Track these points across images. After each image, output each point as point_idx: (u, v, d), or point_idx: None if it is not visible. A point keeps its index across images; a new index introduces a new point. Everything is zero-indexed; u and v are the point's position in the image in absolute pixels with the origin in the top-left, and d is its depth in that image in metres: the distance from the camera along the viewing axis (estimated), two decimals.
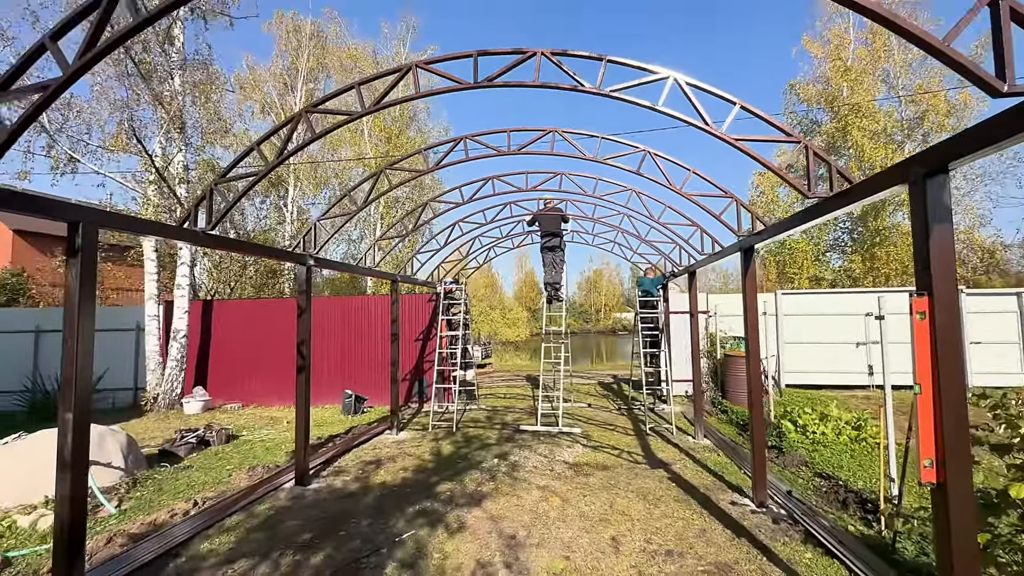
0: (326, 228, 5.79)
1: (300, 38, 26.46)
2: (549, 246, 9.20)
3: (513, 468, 6.25)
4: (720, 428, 8.42)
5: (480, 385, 13.99)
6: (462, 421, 9.19)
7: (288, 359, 11.16)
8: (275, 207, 26.53)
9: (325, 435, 8.19)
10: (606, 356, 33.33)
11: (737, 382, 9.79)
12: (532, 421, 8.67)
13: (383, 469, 6.24)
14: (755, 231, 4.96)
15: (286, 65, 26.44)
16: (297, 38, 26.52)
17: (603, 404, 10.73)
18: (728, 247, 5.71)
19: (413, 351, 11.02)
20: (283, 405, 11.17)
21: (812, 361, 12.21)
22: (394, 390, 8.16)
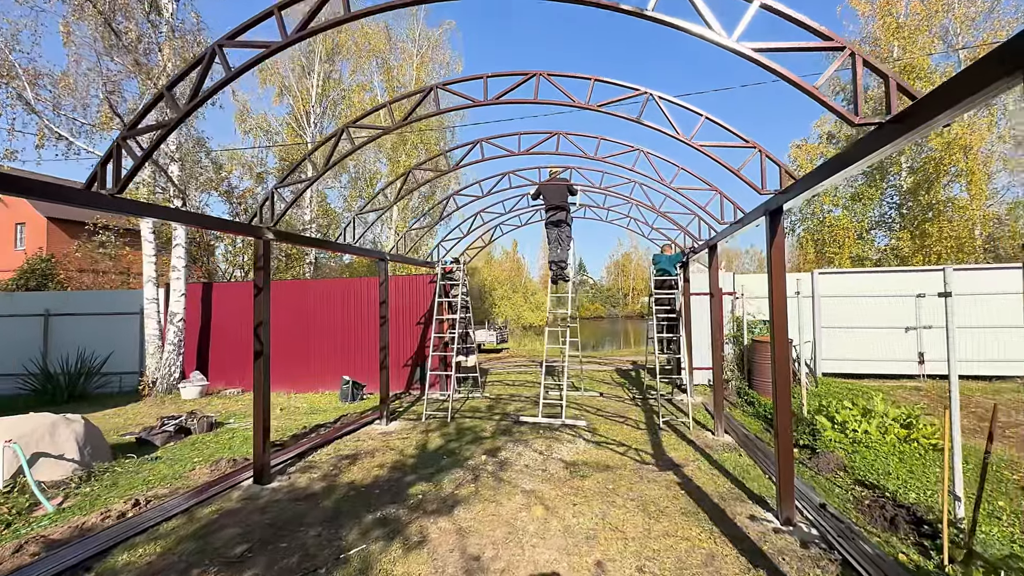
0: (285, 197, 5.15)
1: None
2: (554, 220, 8.34)
3: (501, 467, 5.55)
4: (745, 422, 7.50)
5: (490, 371, 13.37)
6: (461, 410, 8.55)
7: (292, 343, 10.80)
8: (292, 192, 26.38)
9: (311, 424, 7.69)
10: (632, 341, 32.28)
11: (765, 371, 8.79)
12: (535, 412, 7.95)
13: (357, 465, 5.65)
14: (782, 188, 4.02)
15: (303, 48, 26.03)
16: None
17: (616, 393, 9.90)
18: (750, 212, 4.75)
19: (414, 335, 10.43)
20: (285, 391, 10.81)
21: (853, 348, 11.00)
22: (383, 377, 7.56)
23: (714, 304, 6.86)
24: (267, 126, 25.89)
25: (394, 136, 25.52)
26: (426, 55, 25.73)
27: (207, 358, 11.12)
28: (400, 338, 10.47)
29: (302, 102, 25.50)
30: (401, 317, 10.47)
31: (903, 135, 2.47)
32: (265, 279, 5.03)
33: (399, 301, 10.48)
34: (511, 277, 54.56)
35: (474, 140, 6.34)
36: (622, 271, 77.94)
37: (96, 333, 11.62)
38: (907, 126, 2.45)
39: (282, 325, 10.91)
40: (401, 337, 10.47)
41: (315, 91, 25.71)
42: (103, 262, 20.33)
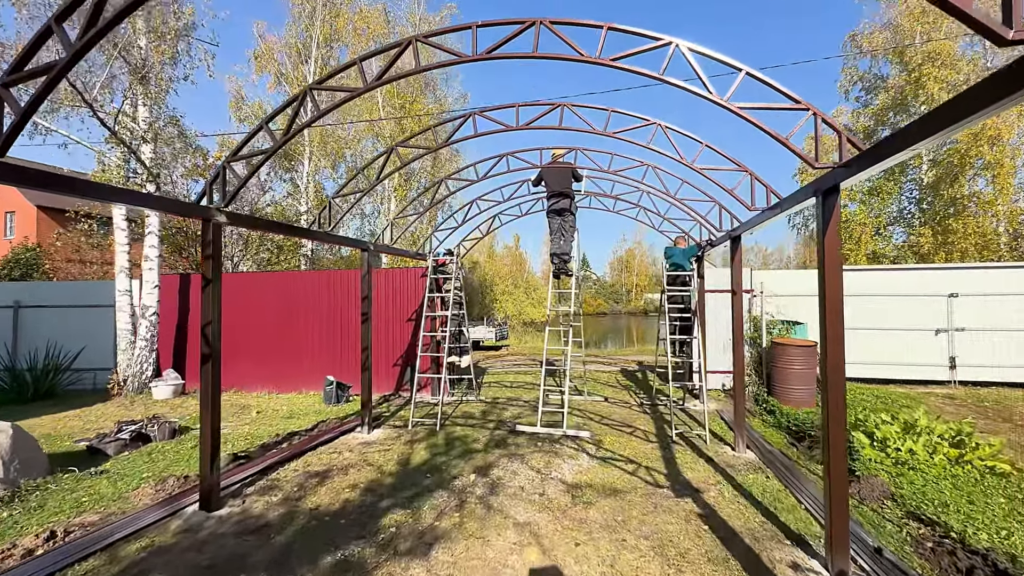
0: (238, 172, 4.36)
1: (314, 4, 25.15)
2: (556, 209, 7.55)
3: (492, 489, 4.80)
4: (766, 435, 6.73)
5: (488, 371, 12.63)
6: (452, 416, 7.81)
7: (277, 340, 10.09)
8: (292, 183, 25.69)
9: (285, 431, 6.96)
10: (635, 339, 31.50)
11: (788, 376, 8.01)
12: (534, 419, 7.19)
13: (326, 486, 4.90)
14: (842, 162, 3.22)
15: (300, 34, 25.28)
16: (311, 4, 25.23)
17: (622, 398, 9.14)
18: (797, 192, 3.94)
19: (405, 332, 9.67)
20: (268, 391, 10.10)
21: (876, 351, 10.21)
22: (365, 380, 6.82)
23: (736, 302, 6.07)
24: (263, 114, 25.13)
25: (392, 125, 24.75)
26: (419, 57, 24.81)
27: (184, 355, 10.40)
28: (390, 335, 9.73)
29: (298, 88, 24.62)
30: (391, 313, 9.72)
31: None
32: (215, 269, 4.27)
33: (389, 295, 9.72)
34: (513, 272, 53.74)
35: (466, 112, 5.55)
36: (626, 267, 76.99)
37: (70, 326, 10.92)
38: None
39: (263, 320, 10.18)
40: (391, 334, 9.72)
41: (312, 78, 24.91)
42: (89, 252, 19.70)
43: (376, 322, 9.73)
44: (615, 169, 6.63)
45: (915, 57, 18.10)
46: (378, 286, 9.77)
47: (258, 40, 25.53)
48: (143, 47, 8.87)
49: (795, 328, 9.54)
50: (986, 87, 1.96)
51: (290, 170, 23.63)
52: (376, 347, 9.71)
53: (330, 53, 26.29)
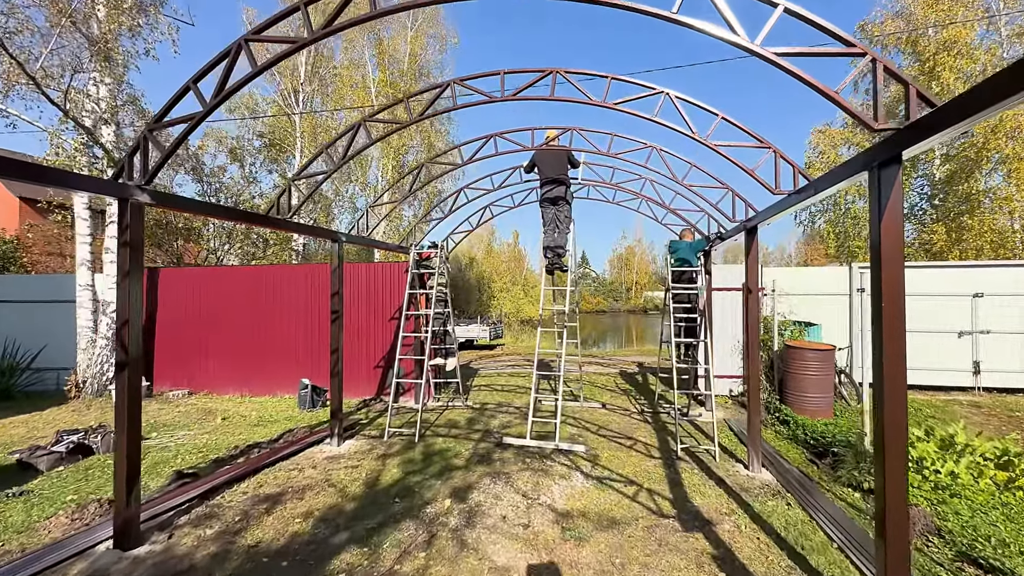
0: (159, 143, 3.63)
1: None
2: (551, 197, 6.84)
3: (469, 519, 4.10)
4: (781, 449, 6.04)
5: (479, 372, 11.93)
6: (435, 425, 7.11)
7: (251, 338, 9.38)
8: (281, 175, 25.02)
9: (247, 442, 6.25)
10: (635, 338, 30.82)
11: (803, 382, 7.31)
12: (524, 429, 6.50)
13: (276, 514, 4.20)
14: (909, 119, 2.51)
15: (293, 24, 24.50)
16: None
17: (621, 404, 8.44)
18: (845, 164, 3.18)
19: (388, 332, 8.96)
20: (240, 394, 9.40)
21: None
22: (335, 386, 6.11)
23: (751, 302, 5.36)
24: (253, 104, 24.39)
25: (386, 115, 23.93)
26: (421, 28, 24.04)
27: (151, 355, 9.69)
28: (372, 335, 9.02)
29: (290, 79, 23.94)
30: (373, 311, 9.01)
31: None
32: (134, 259, 3.55)
33: (372, 291, 9.01)
34: (511, 269, 52.99)
35: (444, 82, 4.85)
36: (625, 264, 76.31)
37: (36, 323, 10.20)
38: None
39: (236, 317, 9.47)
40: (373, 334, 9.01)
41: (304, 68, 24.16)
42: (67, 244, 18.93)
43: (357, 320, 9.03)
44: (616, 151, 5.92)
45: (929, 47, 17.37)
46: (359, 281, 9.06)
47: (247, 26, 24.73)
48: (102, 19, 8.12)
49: (808, 330, 8.84)
50: None
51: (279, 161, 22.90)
52: (356, 348, 9.02)
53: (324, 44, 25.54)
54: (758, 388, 5.36)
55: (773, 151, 4.30)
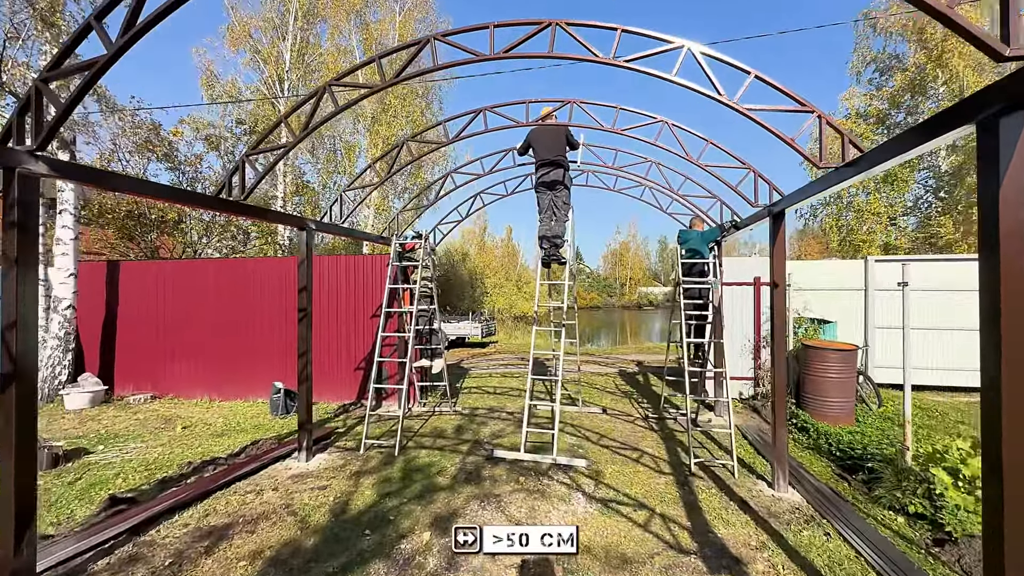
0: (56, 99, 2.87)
1: None
2: (547, 181, 6.13)
3: (451, 562, 3.41)
4: (803, 461, 5.41)
5: (470, 372, 11.24)
6: (419, 434, 6.42)
7: (223, 337, 8.63)
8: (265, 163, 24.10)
9: (204, 457, 5.52)
10: (630, 334, 30.25)
11: (822, 386, 6.68)
12: (517, 438, 5.82)
13: (217, 554, 3.48)
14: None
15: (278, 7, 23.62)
16: None
17: (623, 409, 7.78)
18: (935, 118, 2.48)
19: (371, 330, 8.24)
20: (209, 397, 8.65)
21: (914, 353, 8.92)
22: (304, 393, 5.39)
23: (777, 298, 4.70)
24: (236, 92, 23.45)
25: (374, 103, 23.14)
26: (410, 12, 23.18)
27: (112, 356, 8.90)
28: (353, 334, 8.29)
29: (275, 66, 23.04)
30: (355, 307, 8.27)
31: None
32: (24, 245, 2.81)
33: (354, 287, 8.27)
34: (505, 264, 52.22)
35: (421, 38, 4.10)
36: (619, 260, 75.86)
37: None
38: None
39: (207, 314, 8.70)
40: (355, 332, 8.28)
41: (289, 54, 23.26)
42: None
43: (337, 318, 8.30)
44: (622, 127, 5.23)
45: (935, 34, 16.78)
46: (339, 275, 8.33)
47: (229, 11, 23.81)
48: None
49: (824, 327, 8.23)
50: None
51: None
52: (336, 347, 8.30)
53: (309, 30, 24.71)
54: (784, 396, 4.70)
55: (818, 116, 3.62)
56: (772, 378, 4.73)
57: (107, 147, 13.90)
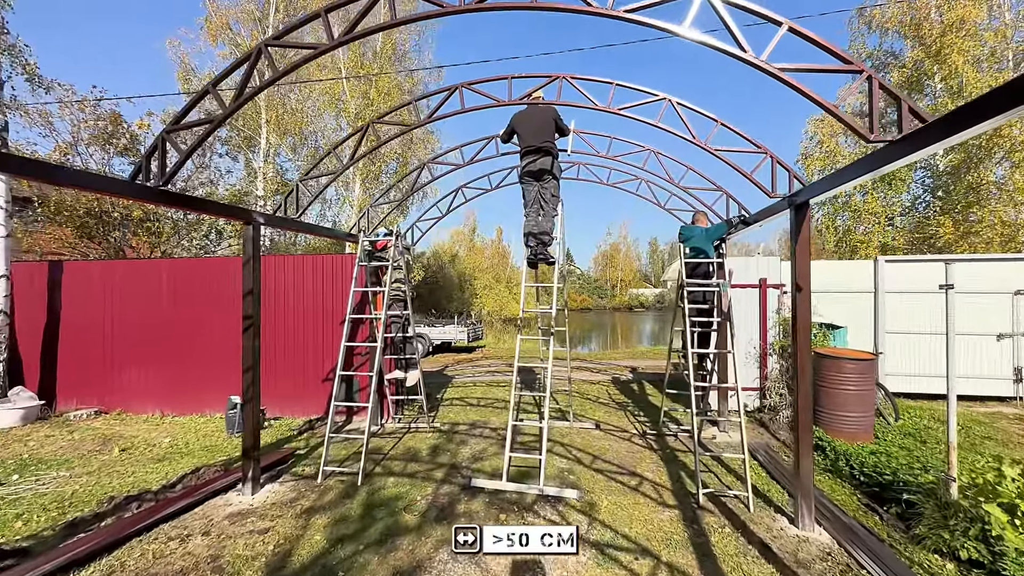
0: None
1: None
2: (533, 170, 5.42)
3: None
4: (821, 485, 4.76)
5: (454, 381, 10.49)
6: (389, 457, 5.67)
7: (180, 344, 7.82)
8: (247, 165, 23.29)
9: (133, 489, 4.72)
10: (622, 337, 29.68)
11: (838, 398, 6.04)
12: (500, 464, 5.09)
13: None
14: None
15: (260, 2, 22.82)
16: None
17: (618, 423, 7.09)
18: None
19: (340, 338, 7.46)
20: (162, 411, 7.82)
21: (922, 359, 8.38)
22: (249, 415, 4.62)
23: (801, 303, 4.03)
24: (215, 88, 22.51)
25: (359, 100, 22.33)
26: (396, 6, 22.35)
27: (54, 367, 8.02)
28: (322, 341, 7.50)
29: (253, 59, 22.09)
30: (324, 312, 7.48)
31: None
32: None
33: (321, 289, 7.49)
34: (495, 265, 51.50)
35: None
36: (610, 262, 75.54)
37: None
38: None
39: (160, 319, 7.88)
40: (323, 340, 7.50)
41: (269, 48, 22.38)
42: None
43: (303, 324, 7.53)
44: (619, 106, 4.55)
45: (932, 31, 16.42)
46: (306, 276, 7.55)
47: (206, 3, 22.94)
48: None
49: (833, 333, 7.60)
50: None
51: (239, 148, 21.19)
52: (303, 356, 7.52)
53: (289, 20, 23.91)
54: (810, 419, 4.03)
55: (868, 76, 3.11)
56: (795, 398, 4.05)
57: (66, 140, 12.98)
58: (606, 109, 4.30)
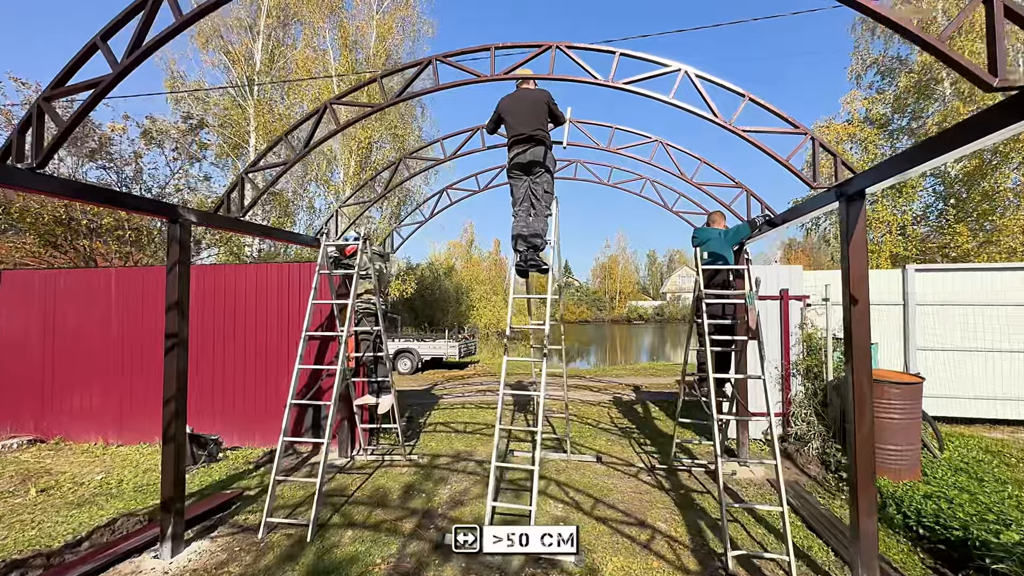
0: None
1: None
2: (523, 163, 4.62)
3: None
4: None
5: (441, 402, 9.60)
6: (351, 502, 4.78)
7: (130, 363, 6.95)
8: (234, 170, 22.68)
9: (24, 549, 3.81)
10: (621, 351, 28.79)
11: (880, 429, 5.17)
12: (483, 510, 4.20)
13: None
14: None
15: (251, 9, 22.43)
16: None
17: (622, 455, 6.21)
18: None
19: (307, 356, 6.61)
20: (106, 440, 6.94)
21: (961, 380, 7.55)
22: (170, 460, 3.73)
23: (857, 318, 3.18)
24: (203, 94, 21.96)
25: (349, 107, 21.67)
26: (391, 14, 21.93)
27: None
28: (285, 362, 6.63)
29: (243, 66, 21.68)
30: (287, 327, 6.62)
31: None
32: None
33: (284, 303, 6.64)
34: (492, 277, 50.68)
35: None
36: (609, 274, 74.84)
37: None
38: None
39: (109, 335, 7.01)
40: (287, 359, 6.62)
41: (259, 55, 21.94)
42: None
43: (266, 340, 6.67)
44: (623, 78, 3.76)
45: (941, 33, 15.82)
46: (269, 288, 6.71)
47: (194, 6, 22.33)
48: None
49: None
50: None
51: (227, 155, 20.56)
52: (264, 377, 6.66)
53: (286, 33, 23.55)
54: (872, 469, 3.16)
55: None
56: (853, 442, 3.18)
57: None
58: (609, 83, 3.53)
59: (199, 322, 6.77)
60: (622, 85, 3.74)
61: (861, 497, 3.09)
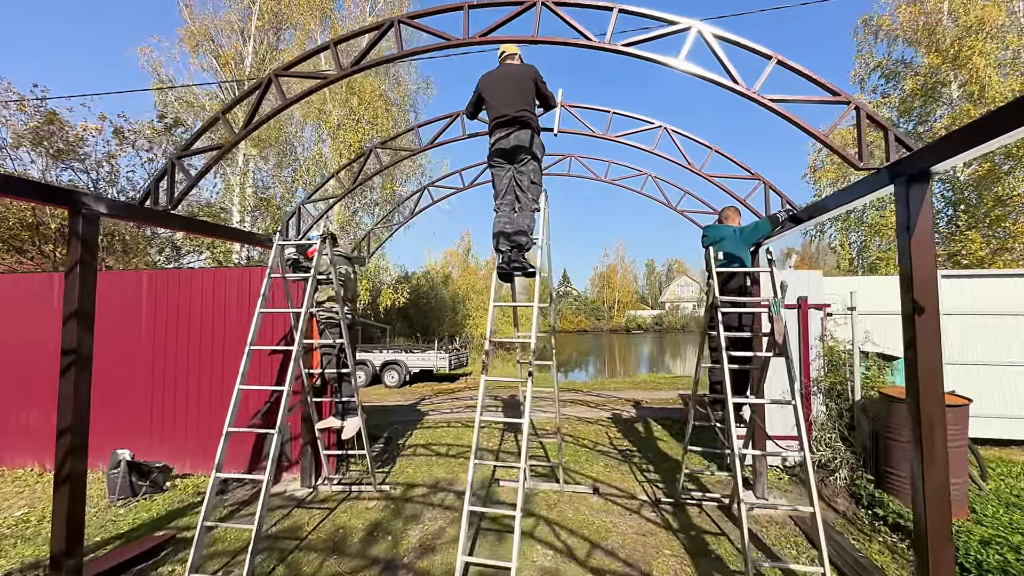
0: None
1: None
2: (504, 148, 3.96)
3: None
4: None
5: (425, 419, 8.85)
6: (302, 545, 4.03)
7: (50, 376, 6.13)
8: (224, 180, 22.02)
9: None
10: (620, 361, 28.02)
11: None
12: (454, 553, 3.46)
13: None
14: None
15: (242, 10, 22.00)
16: None
17: (623, 483, 5.47)
18: None
19: (269, 371, 5.88)
20: (44, 467, 6.16)
21: (998, 398, 6.85)
22: (62, 504, 3.02)
23: (923, 331, 2.50)
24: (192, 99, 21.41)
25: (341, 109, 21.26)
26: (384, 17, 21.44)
27: None
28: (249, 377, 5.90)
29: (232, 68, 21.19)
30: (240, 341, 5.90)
31: None
32: None
33: (244, 312, 5.93)
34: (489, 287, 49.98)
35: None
36: (607, 283, 74.18)
37: None
38: None
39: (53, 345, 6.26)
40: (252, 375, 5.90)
41: (250, 58, 21.46)
42: None
43: (223, 354, 5.95)
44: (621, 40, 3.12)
45: (946, 36, 15.45)
46: (230, 295, 6.00)
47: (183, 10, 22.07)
48: None
49: (891, 366, 6.07)
50: None
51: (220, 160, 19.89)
52: (220, 395, 5.92)
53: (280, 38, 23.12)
54: (948, 521, 2.46)
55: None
56: (921, 487, 2.48)
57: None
58: (606, 46, 2.87)
59: (148, 334, 6.06)
60: (621, 48, 3.11)
61: (935, 564, 2.37)
